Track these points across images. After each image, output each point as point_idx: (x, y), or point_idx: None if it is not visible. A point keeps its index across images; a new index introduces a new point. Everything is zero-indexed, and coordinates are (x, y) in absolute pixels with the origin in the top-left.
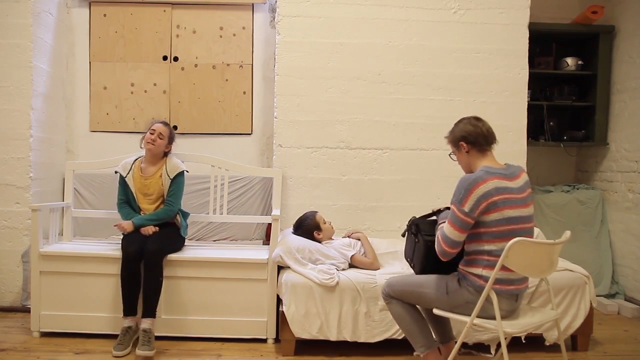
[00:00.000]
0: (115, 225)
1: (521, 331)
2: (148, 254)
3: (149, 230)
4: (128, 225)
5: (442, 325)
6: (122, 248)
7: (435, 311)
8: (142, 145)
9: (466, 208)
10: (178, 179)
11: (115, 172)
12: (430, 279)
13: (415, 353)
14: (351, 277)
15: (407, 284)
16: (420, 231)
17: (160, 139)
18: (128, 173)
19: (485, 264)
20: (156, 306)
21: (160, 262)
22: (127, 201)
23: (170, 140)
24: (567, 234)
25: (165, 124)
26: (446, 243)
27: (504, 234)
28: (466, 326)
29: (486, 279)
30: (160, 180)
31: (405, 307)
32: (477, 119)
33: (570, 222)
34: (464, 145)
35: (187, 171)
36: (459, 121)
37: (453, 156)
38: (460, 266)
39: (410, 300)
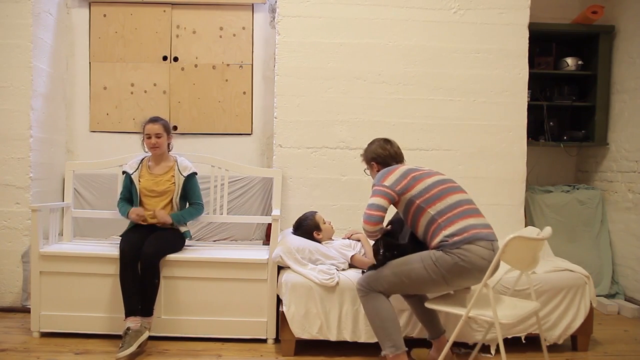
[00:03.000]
0: (153, 219)
1: (515, 321)
2: (144, 256)
3: (166, 219)
4: (164, 217)
5: (432, 319)
6: (119, 248)
7: (428, 304)
8: (146, 150)
9: (386, 183)
10: (192, 180)
11: (123, 173)
12: (414, 256)
13: (383, 353)
14: (351, 278)
15: (393, 267)
16: (389, 250)
17: (159, 137)
18: (135, 171)
19: (443, 225)
20: (152, 306)
21: (156, 264)
22: (127, 199)
23: (168, 131)
24: (548, 229)
25: (154, 120)
26: (373, 208)
27: (438, 195)
28: (461, 319)
29: (454, 235)
30: (172, 179)
31: (385, 302)
32: (387, 141)
33: (570, 222)
34: (375, 165)
35: (197, 173)
36: (372, 143)
37: (367, 171)
38: (429, 247)
39: (399, 285)
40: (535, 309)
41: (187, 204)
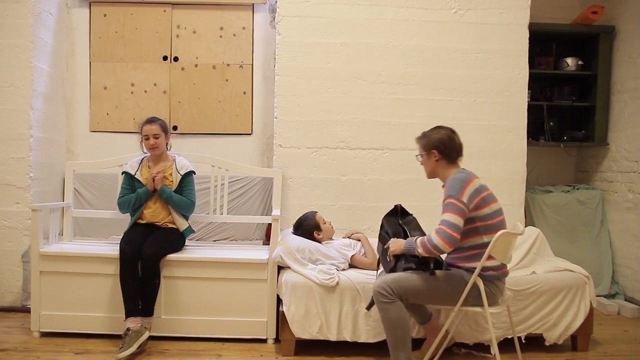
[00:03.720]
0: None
1: (501, 310)
2: (145, 257)
3: (159, 176)
4: (159, 181)
5: (419, 305)
6: (119, 249)
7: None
8: (145, 151)
9: (464, 199)
10: (188, 178)
11: (123, 173)
12: (446, 273)
13: None
14: (351, 277)
15: (424, 280)
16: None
17: (157, 138)
18: (136, 171)
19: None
20: (152, 306)
21: (157, 264)
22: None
23: (166, 131)
24: (518, 225)
25: (152, 121)
26: (454, 229)
27: (497, 225)
28: (453, 311)
29: (491, 269)
30: (170, 178)
31: (406, 312)
32: (454, 132)
33: (571, 222)
34: (436, 153)
35: (195, 172)
36: (437, 129)
37: (420, 157)
38: (459, 263)
39: (424, 297)
40: (510, 297)
41: None
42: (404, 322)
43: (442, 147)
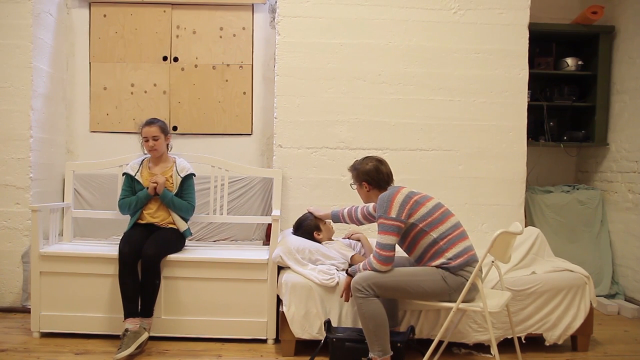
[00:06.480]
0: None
1: (500, 310)
2: (145, 257)
3: (160, 179)
4: (162, 184)
5: (392, 312)
6: (119, 249)
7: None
8: (146, 152)
9: (393, 214)
10: (189, 181)
11: (124, 174)
12: (419, 270)
13: (370, 355)
14: None
15: (402, 276)
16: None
17: (156, 140)
18: (137, 172)
19: (445, 247)
20: (152, 306)
21: (157, 265)
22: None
23: (165, 132)
24: (517, 224)
25: (151, 122)
26: (386, 249)
27: (439, 219)
28: (452, 310)
29: (456, 257)
30: (171, 179)
31: (381, 307)
32: (381, 162)
33: (571, 222)
34: (366, 185)
35: (195, 175)
36: (365, 162)
37: (354, 187)
38: (427, 266)
39: (402, 293)
40: (510, 297)
41: None
42: (376, 316)
43: (370, 179)
